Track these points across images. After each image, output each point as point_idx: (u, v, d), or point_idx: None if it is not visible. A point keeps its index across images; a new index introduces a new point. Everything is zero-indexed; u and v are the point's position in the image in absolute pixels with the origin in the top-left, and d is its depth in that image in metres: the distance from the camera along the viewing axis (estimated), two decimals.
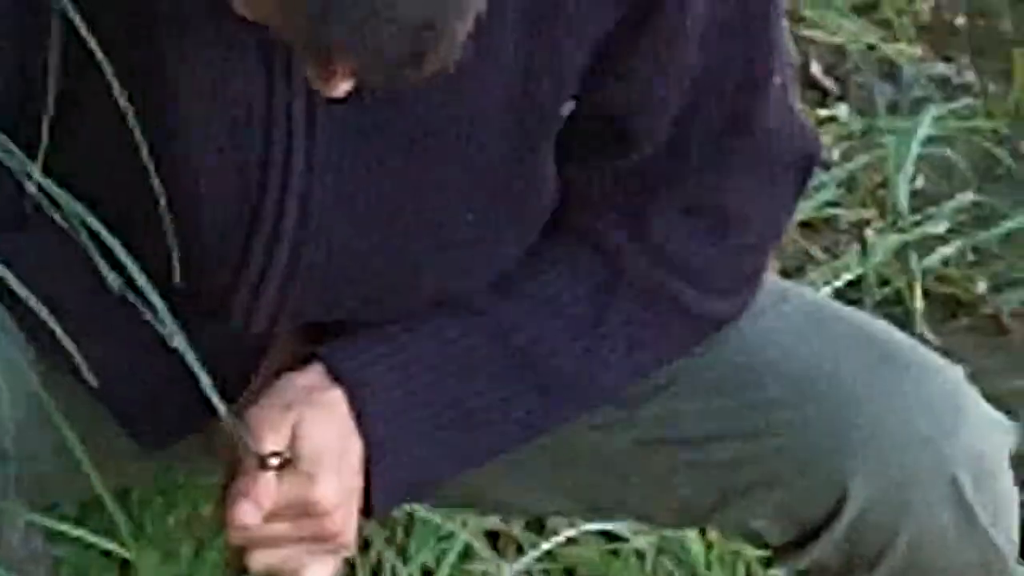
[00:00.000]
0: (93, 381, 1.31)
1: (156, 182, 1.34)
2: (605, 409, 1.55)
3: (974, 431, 1.54)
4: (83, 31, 1.31)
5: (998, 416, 1.59)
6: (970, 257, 2.95)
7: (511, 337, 1.52)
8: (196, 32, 1.45)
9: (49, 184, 1.34)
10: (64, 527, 1.91)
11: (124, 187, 1.43)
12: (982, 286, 2.88)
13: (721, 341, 1.56)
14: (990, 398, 1.70)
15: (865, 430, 1.54)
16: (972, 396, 1.56)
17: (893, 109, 3.24)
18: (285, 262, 1.47)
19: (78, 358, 1.28)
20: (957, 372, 1.59)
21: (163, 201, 1.36)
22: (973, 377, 1.70)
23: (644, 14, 1.45)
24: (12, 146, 1.33)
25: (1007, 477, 1.55)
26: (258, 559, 1.44)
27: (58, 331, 1.28)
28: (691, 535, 2.21)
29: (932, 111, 3.10)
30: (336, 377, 1.45)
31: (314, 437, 1.42)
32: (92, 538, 1.90)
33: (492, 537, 2.16)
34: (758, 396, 1.58)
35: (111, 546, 1.96)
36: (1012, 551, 1.57)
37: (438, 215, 1.51)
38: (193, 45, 1.45)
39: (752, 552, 2.18)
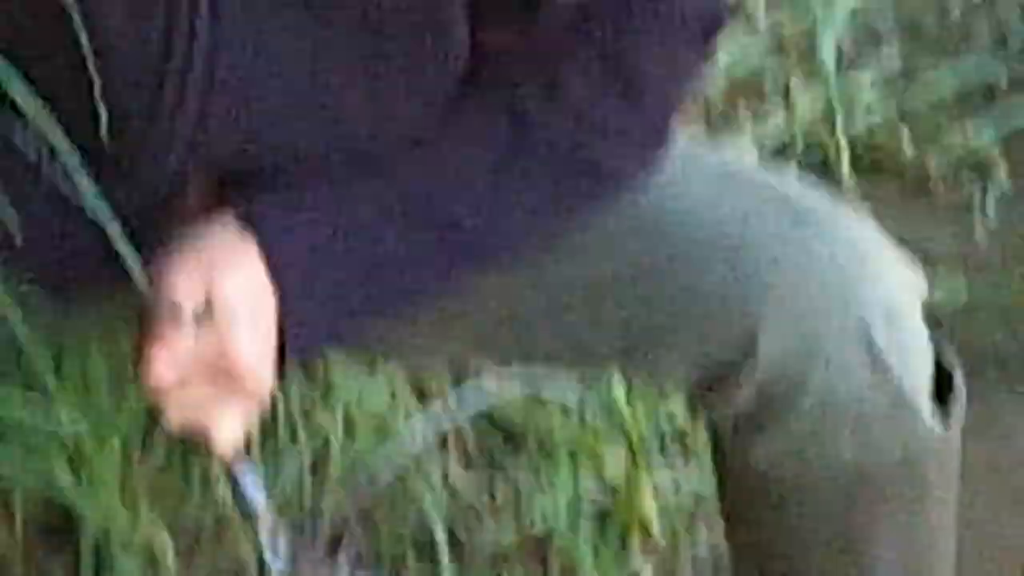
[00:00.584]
0: (19, 240, 1.33)
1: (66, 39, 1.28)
2: (519, 259, 1.54)
3: (884, 279, 1.54)
4: None
5: (909, 266, 1.58)
6: (896, 118, 2.94)
7: (422, 191, 1.52)
8: None
9: None
10: None
11: (31, 44, 1.37)
12: (908, 147, 2.87)
13: (631, 197, 1.54)
14: (913, 255, 1.87)
15: (775, 277, 1.53)
16: (884, 246, 1.56)
17: None
18: (195, 110, 1.46)
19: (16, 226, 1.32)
20: (870, 224, 1.59)
21: (84, 45, 1.33)
22: (898, 237, 1.75)
23: None
24: None
25: (917, 324, 1.54)
26: (173, 416, 1.42)
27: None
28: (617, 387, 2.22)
29: None
30: (248, 230, 1.42)
31: (227, 290, 1.39)
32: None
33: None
34: (666, 250, 1.58)
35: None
36: (923, 403, 1.54)
37: (345, 70, 1.48)
38: None
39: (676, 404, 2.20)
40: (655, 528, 2.11)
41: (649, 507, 2.14)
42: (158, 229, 1.42)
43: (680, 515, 2.17)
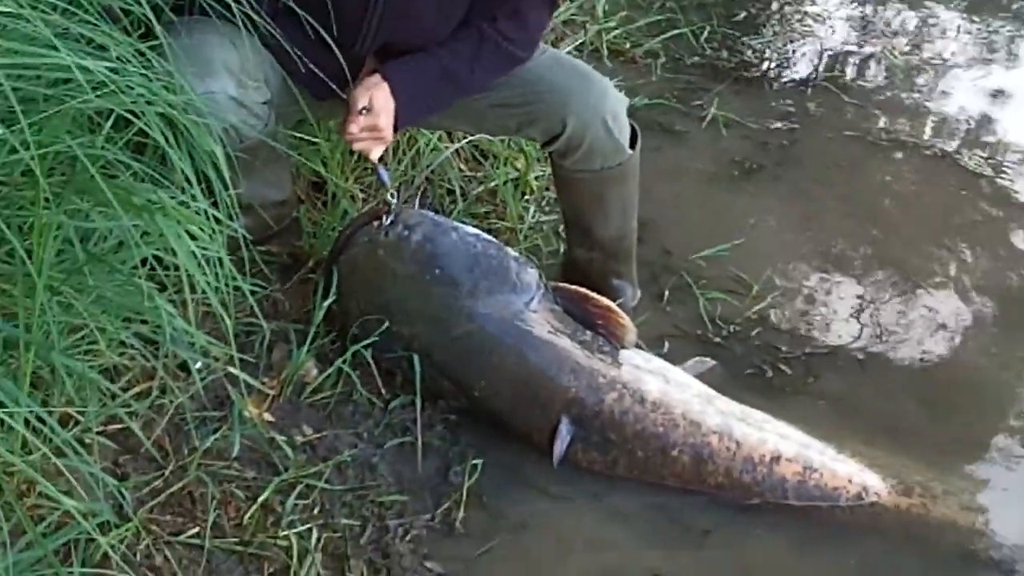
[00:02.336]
0: (300, 68, 2.30)
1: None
2: (482, 91, 2.73)
3: (613, 99, 2.80)
4: None
5: (622, 96, 2.86)
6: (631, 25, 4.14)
7: (443, 59, 2.63)
8: None
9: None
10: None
11: None
12: (646, 45, 4.14)
13: (519, 68, 2.73)
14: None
15: (572, 96, 2.75)
16: (612, 88, 2.82)
17: None
18: (376, 21, 2.52)
19: (301, 65, 2.28)
20: (607, 82, 2.84)
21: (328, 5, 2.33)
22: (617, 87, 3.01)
23: None
24: None
25: (624, 115, 2.81)
26: (357, 147, 2.58)
27: (296, 56, 2.25)
28: (499, 145, 3.34)
29: None
30: (384, 74, 2.56)
31: (378, 99, 2.54)
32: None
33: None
34: (528, 87, 2.75)
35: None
36: (626, 144, 2.80)
37: (427, 10, 2.56)
38: None
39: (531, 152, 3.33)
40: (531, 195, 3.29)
41: (529, 182, 3.31)
42: (356, 71, 2.54)
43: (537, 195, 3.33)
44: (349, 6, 2.47)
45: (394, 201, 2.68)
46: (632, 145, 2.85)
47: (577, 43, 4.01)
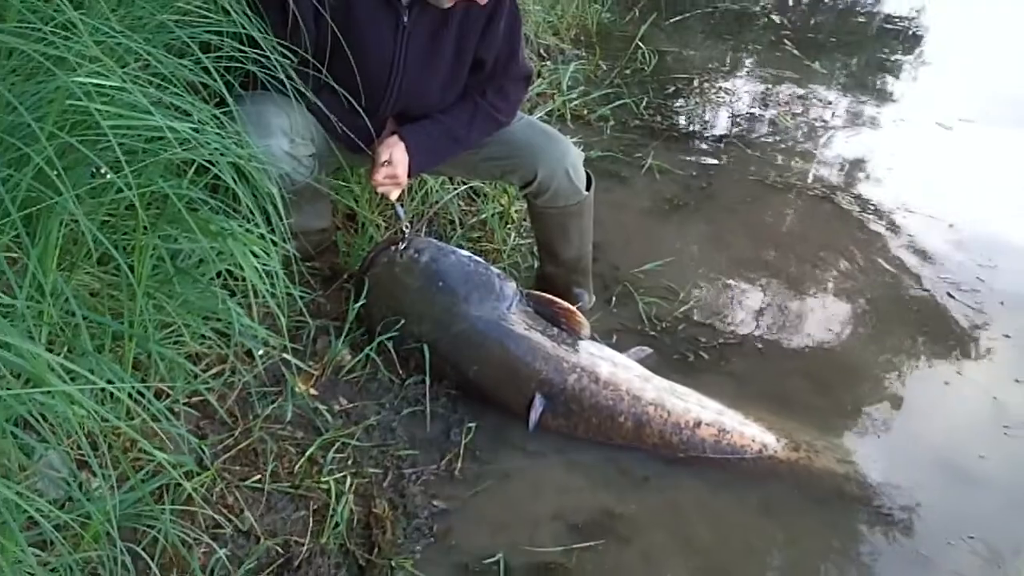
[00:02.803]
0: (338, 130, 2.41)
1: (356, 73, 2.34)
2: (475, 147, 2.72)
3: (573, 155, 2.80)
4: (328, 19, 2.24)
5: (580, 152, 2.84)
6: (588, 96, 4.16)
7: (446, 123, 2.66)
8: (373, 23, 2.44)
9: (326, 77, 2.28)
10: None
11: (347, 75, 2.34)
12: (599, 111, 4.14)
13: (502, 130, 2.73)
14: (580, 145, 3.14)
15: (541, 153, 2.74)
16: (572, 146, 2.82)
17: None
18: (395, 95, 2.54)
19: (337, 128, 2.41)
20: (568, 141, 2.83)
21: (358, 80, 2.33)
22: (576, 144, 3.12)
23: (487, 26, 2.55)
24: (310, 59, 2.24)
25: (581, 165, 2.80)
26: (380, 190, 2.59)
27: (331, 120, 2.38)
28: (488, 187, 3.33)
29: None
30: (401, 135, 2.57)
31: (396, 154, 2.57)
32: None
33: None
34: (509, 145, 2.76)
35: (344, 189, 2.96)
36: (583, 187, 2.81)
37: (435, 90, 2.59)
38: (373, 29, 2.43)
39: (512, 194, 3.34)
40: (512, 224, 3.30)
41: (511, 214, 3.32)
42: (379, 132, 2.59)
43: (517, 224, 3.32)
44: (374, 84, 2.48)
45: (407, 231, 2.69)
46: (588, 188, 2.85)
47: (548, 109, 4.03)
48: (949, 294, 3.44)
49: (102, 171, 1.83)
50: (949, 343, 3.21)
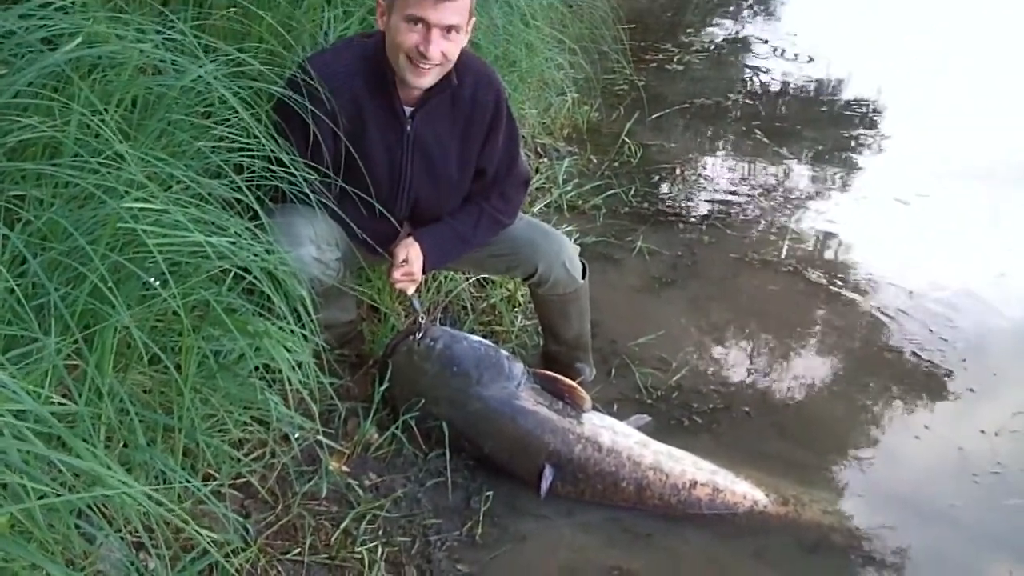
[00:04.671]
0: (359, 236, 2.43)
1: (368, 181, 2.41)
2: (481, 247, 2.71)
3: (568, 249, 2.78)
4: (344, 140, 2.30)
5: (575, 245, 2.83)
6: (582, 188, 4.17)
7: (455, 225, 2.67)
8: (379, 134, 2.47)
9: (344, 187, 2.34)
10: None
11: (362, 183, 2.39)
12: (592, 201, 4.13)
13: (505, 230, 2.72)
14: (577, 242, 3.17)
15: (540, 250, 2.74)
16: (567, 240, 2.80)
17: None
18: (405, 199, 2.56)
19: (358, 234, 2.43)
20: (564, 237, 2.81)
21: (370, 187, 2.39)
22: (569, 235, 3.19)
23: (488, 138, 2.57)
24: (331, 175, 2.30)
25: (576, 257, 2.79)
26: (398, 286, 2.59)
27: (352, 227, 2.41)
28: (498, 280, 3.29)
29: None
30: (416, 238, 2.60)
31: (411, 254, 2.57)
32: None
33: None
34: (511, 243, 2.76)
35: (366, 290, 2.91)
36: (579, 276, 2.79)
37: (441, 192, 2.61)
38: (380, 138, 2.48)
39: (517, 282, 3.25)
40: (519, 308, 3.30)
41: (517, 298, 3.32)
42: (395, 235, 2.60)
43: (523, 307, 3.31)
44: (386, 190, 2.53)
45: (423, 321, 2.69)
46: (583, 276, 2.86)
47: (546, 202, 4.05)
48: (915, 354, 3.43)
49: (153, 282, 1.85)
50: (918, 399, 3.21)
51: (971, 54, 6.48)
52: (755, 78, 6.04)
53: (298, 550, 2.22)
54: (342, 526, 2.33)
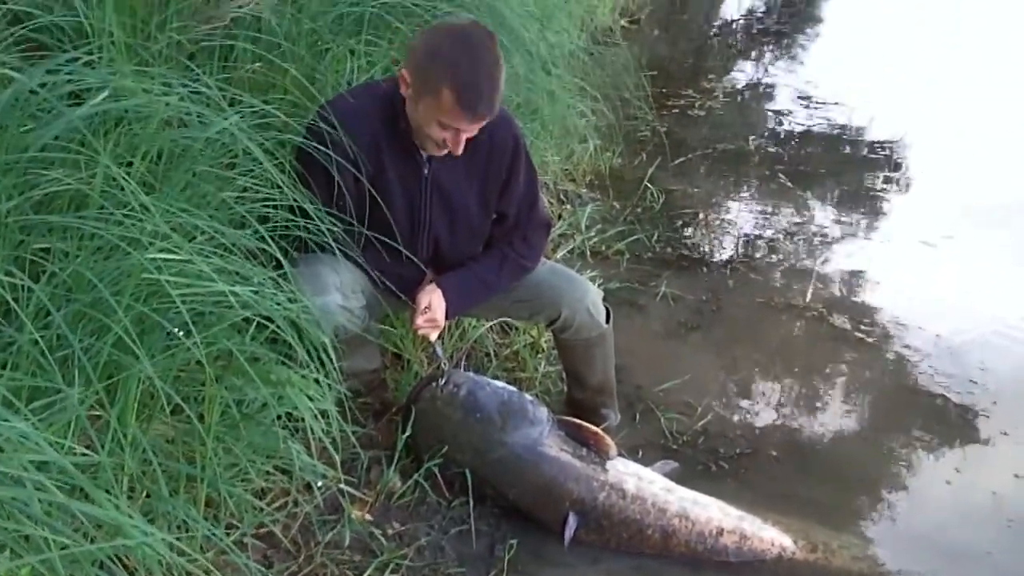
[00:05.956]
0: (382, 283, 2.45)
1: (395, 227, 2.43)
2: (501, 293, 2.69)
3: (592, 294, 2.76)
4: (365, 182, 2.29)
5: (598, 290, 2.82)
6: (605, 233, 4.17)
7: (478, 271, 2.65)
8: (398, 177, 2.47)
9: (367, 233, 2.38)
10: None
11: (382, 227, 2.41)
12: (615, 247, 4.13)
13: (528, 275, 2.71)
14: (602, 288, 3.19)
15: (564, 295, 2.73)
16: (591, 285, 2.79)
17: None
18: (426, 244, 2.56)
19: (380, 281, 2.45)
20: (587, 282, 2.81)
21: (397, 231, 2.41)
22: (592, 281, 3.13)
23: (508, 181, 2.57)
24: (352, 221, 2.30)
25: (600, 302, 2.77)
26: (420, 332, 2.58)
27: (374, 274, 2.44)
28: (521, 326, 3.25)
29: None
30: (438, 284, 2.59)
31: (434, 300, 2.56)
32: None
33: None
34: (534, 289, 2.75)
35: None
36: (603, 321, 2.78)
37: (462, 236, 2.61)
38: (399, 182, 2.48)
39: (540, 328, 3.21)
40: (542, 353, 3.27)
41: (540, 344, 3.30)
42: (419, 282, 2.60)
43: (546, 353, 3.26)
44: (407, 235, 2.53)
45: (446, 367, 2.68)
46: (607, 321, 2.84)
47: (569, 248, 4.04)
48: (944, 396, 3.39)
49: (177, 332, 1.86)
50: (948, 442, 3.16)
51: (994, 96, 6.46)
52: (778, 122, 6.04)
53: None
54: (365, 575, 2.28)
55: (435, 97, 2.24)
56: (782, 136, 5.82)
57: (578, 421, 2.65)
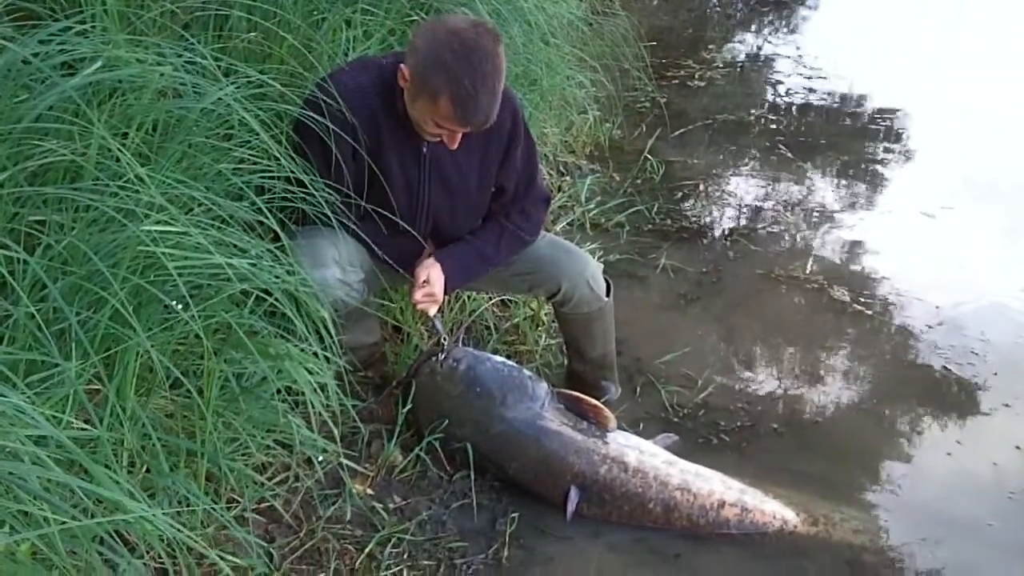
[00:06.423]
0: (381, 256, 2.44)
1: (393, 202, 2.42)
2: (502, 266, 2.69)
3: (592, 267, 2.77)
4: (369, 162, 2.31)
5: (598, 263, 2.82)
6: (605, 206, 4.14)
7: (477, 245, 2.65)
8: (396, 154, 2.45)
9: (365, 206, 2.37)
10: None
11: (382, 202, 2.41)
12: (615, 219, 4.09)
13: (528, 248, 2.74)
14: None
15: (564, 268, 2.74)
16: (591, 259, 2.79)
17: None
18: (425, 218, 2.54)
19: (378, 252, 2.43)
20: (587, 255, 2.81)
21: (396, 206, 2.41)
22: (592, 254, 3.15)
23: (506, 156, 2.56)
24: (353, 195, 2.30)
25: (600, 275, 2.77)
26: (419, 307, 2.55)
27: (373, 247, 2.40)
28: (521, 299, 3.25)
29: None
30: (437, 258, 2.57)
31: (433, 275, 2.54)
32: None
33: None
34: (534, 262, 2.75)
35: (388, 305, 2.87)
36: (603, 294, 2.78)
37: (460, 211, 2.59)
38: (397, 158, 2.46)
39: (540, 301, 3.23)
40: (542, 327, 3.27)
41: (541, 318, 3.29)
42: (417, 255, 2.59)
43: (546, 326, 3.27)
44: (405, 209, 2.51)
45: (446, 342, 2.66)
46: (607, 294, 2.83)
47: (569, 220, 4.03)
48: (945, 368, 3.38)
49: (175, 305, 1.84)
50: (949, 414, 3.16)
51: (997, 67, 6.41)
52: (778, 93, 6.00)
53: (323, 574, 2.20)
54: (367, 550, 2.31)
55: (433, 102, 2.24)
56: (782, 107, 5.79)
57: (578, 394, 2.65)
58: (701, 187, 4.62)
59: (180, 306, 1.82)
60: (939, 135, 5.44)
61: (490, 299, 3.17)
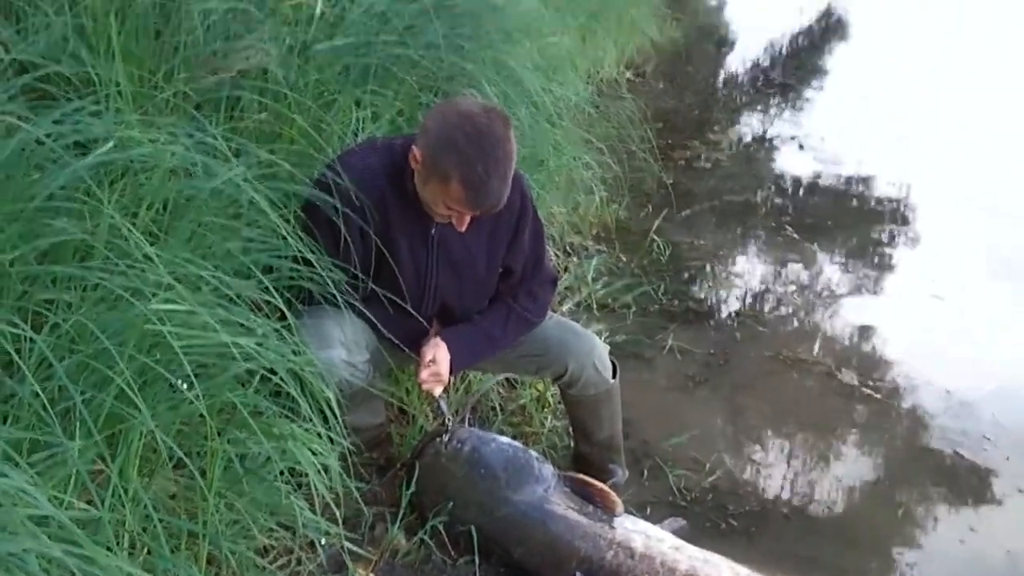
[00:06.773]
0: (386, 336, 2.44)
1: (401, 283, 2.42)
2: (510, 348, 2.69)
3: (599, 349, 2.76)
4: (377, 244, 2.29)
5: (605, 344, 2.81)
6: (611, 286, 4.15)
7: (483, 325, 2.64)
8: (405, 236, 2.45)
9: (372, 287, 2.36)
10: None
11: (390, 283, 2.40)
12: (622, 300, 4.12)
13: (534, 330, 2.71)
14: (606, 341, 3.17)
15: (571, 350, 2.72)
16: (598, 340, 2.79)
17: None
18: (432, 299, 2.53)
19: (385, 333, 2.43)
20: (594, 337, 2.80)
21: (403, 288, 2.41)
22: (599, 335, 3.14)
23: (514, 239, 2.56)
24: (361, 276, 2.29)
25: (606, 356, 2.76)
26: (425, 387, 2.52)
27: (380, 328, 2.39)
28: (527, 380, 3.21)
29: None
30: (443, 338, 2.54)
31: (439, 355, 2.53)
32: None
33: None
34: (541, 344, 2.74)
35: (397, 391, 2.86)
36: (609, 376, 2.77)
37: (468, 293, 2.60)
38: (405, 240, 2.45)
39: (547, 383, 3.17)
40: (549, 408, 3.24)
41: (547, 399, 3.28)
42: (423, 335, 2.57)
43: (553, 408, 3.24)
44: (413, 290, 2.51)
45: (450, 423, 2.65)
46: (614, 376, 2.82)
47: (576, 300, 4.03)
48: (956, 453, 3.37)
49: (180, 384, 1.84)
50: (961, 500, 3.14)
51: (1001, 149, 6.49)
52: (784, 175, 6.06)
53: None
54: None
55: (444, 185, 2.26)
56: (788, 188, 5.84)
57: (584, 477, 2.62)
58: (708, 268, 4.64)
59: (185, 385, 1.81)
60: (947, 215, 5.49)
61: (495, 377, 3.13)
